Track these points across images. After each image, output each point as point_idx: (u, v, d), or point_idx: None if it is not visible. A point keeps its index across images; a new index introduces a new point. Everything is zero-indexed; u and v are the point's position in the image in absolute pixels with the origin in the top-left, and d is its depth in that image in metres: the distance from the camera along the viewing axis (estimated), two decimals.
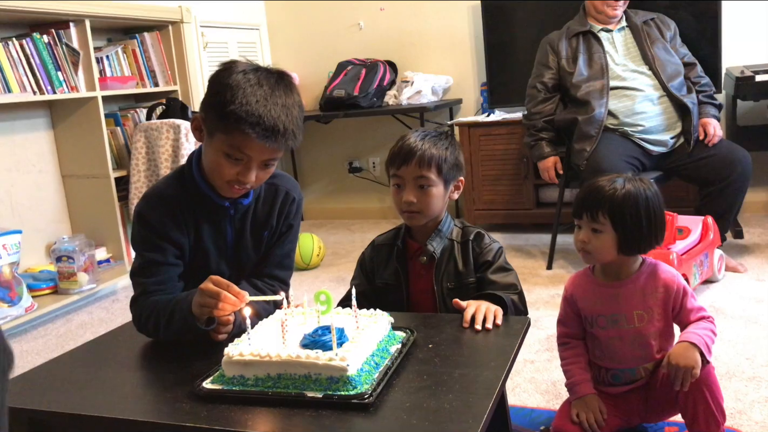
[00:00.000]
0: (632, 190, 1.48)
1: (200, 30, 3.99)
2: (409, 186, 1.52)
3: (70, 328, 2.88)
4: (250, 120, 1.29)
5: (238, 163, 1.35)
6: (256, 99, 1.31)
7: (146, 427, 1.08)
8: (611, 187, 1.49)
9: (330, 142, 4.61)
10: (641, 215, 1.47)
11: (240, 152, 1.34)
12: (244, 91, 1.31)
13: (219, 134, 1.35)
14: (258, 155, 1.35)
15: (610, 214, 1.47)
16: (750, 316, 2.33)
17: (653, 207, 1.49)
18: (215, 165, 1.38)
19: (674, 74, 2.86)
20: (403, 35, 4.30)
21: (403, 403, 1.05)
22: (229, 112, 1.30)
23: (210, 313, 1.29)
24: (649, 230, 1.48)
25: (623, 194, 1.47)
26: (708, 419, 1.44)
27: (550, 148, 3.03)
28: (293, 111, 1.36)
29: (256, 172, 1.38)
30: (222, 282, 1.28)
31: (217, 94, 1.33)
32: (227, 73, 1.34)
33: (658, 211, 1.50)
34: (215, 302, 1.27)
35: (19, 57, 2.92)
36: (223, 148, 1.35)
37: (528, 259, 3.25)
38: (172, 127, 3.27)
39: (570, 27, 3.04)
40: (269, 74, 1.37)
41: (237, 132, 1.31)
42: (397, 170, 1.53)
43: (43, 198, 3.25)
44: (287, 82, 1.39)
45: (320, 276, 3.33)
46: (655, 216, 1.49)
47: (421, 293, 1.59)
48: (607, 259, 1.53)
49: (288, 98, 1.36)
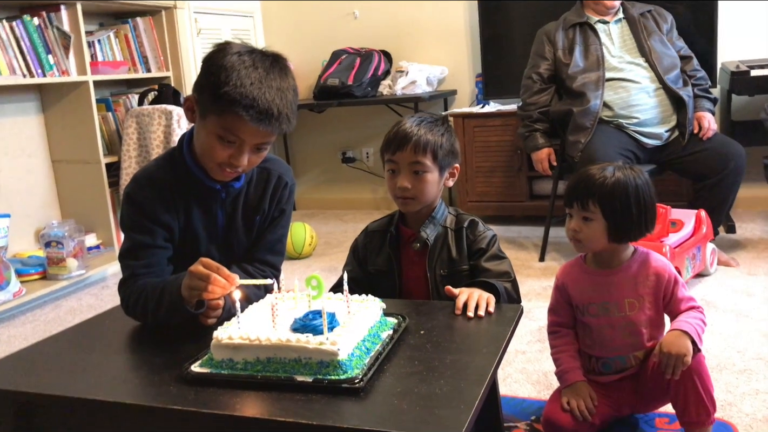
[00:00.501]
0: (622, 178, 1.48)
1: (194, 16, 3.95)
2: (404, 171, 1.51)
3: (59, 314, 2.85)
4: (244, 102, 1.28)
5: (231, 146, 1.34)
6: (250, 81, 1.29)
7: (133, 409, 1.07)
8: (601, 175, 1.48)
9: (323, 132, 4.58)
10: (631, 203, 1.47)
11: (233, 135, 1.32)
12: (238, 72, 1.29)
13: (212, 116, 1.33)
14: (251, 138, 1.34)
15: (600, 202, 1.47)
16: (741, 309, 2.34)
17: (643, 195, 1.48)
18: (207, 147, 1.36)
19: (670, 67, 2.86)
20: (399, 25, 4.27)
21: (393, 388, 1.04)
22: (222, 94, 1.28)
23: (199, 296, 1.28)
24: (639, 218, 1.48)
25: (613, 182, 1.47)
26: (698, 409, 1.44)
27: (544, 139, 3.02)
28: (288, 95, 1.34)
29: (248, 155, 1.36)
30: (212, 264, 1.27)
31: (211, 74, 1.31)
32: (222, 54, 1.33)
33: (648, 199, 1.49)
34: (205, 285, 1.25)
35: (8, 39, 2.88)
36: (216, 130, 1.33)
37: (521, 251, 3.25)
38: (163, 113, 3.24)
39: (567, 18, 3.03)
40: (264, 57, 1.36)
41: (230, 114, 1.29)
42: (392, 155, 1.52)
43: (33, 183, 3.22)
44: (282, 65, 1.37)
45: (312, 265, 3.32)
46: (645, 204, 1.48)
47: (413, 280, 1.58)
48: (598, 248, 1.52)
49: (283, 81, 1.34)
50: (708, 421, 1.46)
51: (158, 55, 3.64)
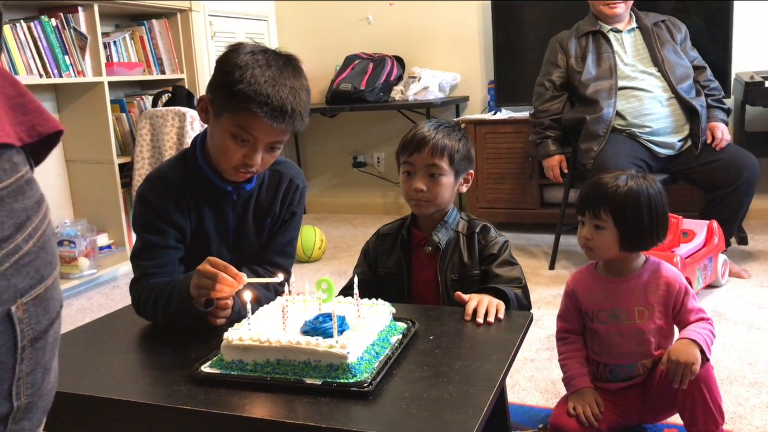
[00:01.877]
0: (635, 187, 1.48)
1: (208, 19, 3.98)
2: (420, 174, 1.52)
3: (70, 312, 2.87)
4: (258, 99, 1.29)
5: (245, 145, 1.35)
6: (264, 79, 1.30)
7: (143, 408, 1.07)
8: (614, 184, 1.48)
9: (335, 136, 4.59)
10: (643, 212, 1.46)
11: (247, 133, 1.33)
12: (252, 71, 1.30)
13: (226, 114, 1.34)
14: (264, 136, 1.35)
15: (612, 211, 1.47)
16: (752, 321, 2.32)
17: (655, 204, 1.48)
18: (221, 147, 1.37)
19: (683, 77, 2.85)
20: (412, 31, 4.28)
21: (402, 393, 1.04)
22: (237, 91, 1.29)
23: (207, 295, 1.28)
24: (651, 227, 1.48)
25: (625, 191, 1.47)
26: (707, 419, 1.43)
27: (555, 146, 3.02)
28: (300, 93, 1.35)
29: (261, 154, 1.36)
30: (219, 263, 1.27)
31: (225, 73, 1.33)
32: (235, 54, 1.34)
33: (660, 209, 1.49)
34: (212, 283, 1.26)
35: (26, 39, 2.91)
36: (230, 128, 1.34)
37: (530, 259, 3.24)
38: (177, 114, 3.26)
39: (580, 26, 3.03)
40: (278, 56, 1.37)
41: (245, 111, 1.30)
42: (408, 157, 1.53)
43: (46, 182, 3.24)
44: (295, 65, 1.39)
45: (321, 269, 3.32)
46: (657, 213, 1.48)
47: (423, 284, 1.58)
48: (609, 256, 1.52)
49: (296, 81, 1.35)
50: (716, 431, 1.45)
51: (173, 57, 3.67)
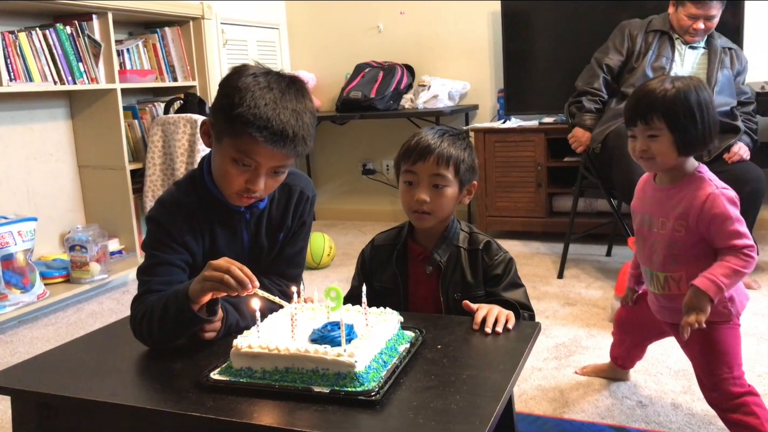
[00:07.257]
0: (683, 87, 1.48)
1: (221, 27, 4.02)
2: (423, 184, 1.45)
3: (81, 317, 2.90)
4: (257, 123, 1.25)
5: (247, 170, 1.31)
6: (264, 102, 1.26)
7: (152, 415, 1.08)
8: (662, 88, 1.48)
9: (345, 144, 4.61)
10: (694, 111, 1.47)
11: (248, 157, 1.30)
12: (252, 94, 1.27)
13: (227, 139, 1.31)
14: (266, 161, 1.31)
15: (665, 116, 1.47)
16: (762, 333, 2.30)
17: (704, 101, 1.48)
18: (223, 172, 1.34)
19: (723, 103, 2.83)
20: (422, 39, 4.30)
21: (409, 402, 1.05)
22: (236, 115, 1.26)
23: (212, 288, 1.23)
24: (703, 125, 1.47)
25: (674, 93, 1.47)
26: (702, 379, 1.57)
27: (592, 122, 2.97)
28: (304, 117, 1.31)
29: (264, 179, 1.33)
30: (235, 262, 1.24)
31: (225, 97, 1.30)
32: (237, 77, 1.31)
33: (709, 104, 1.49)
34: (221, 275, 1.21)
35: (41, 46, 2.95)
36: (231, 153, 1.30)
37: (539, 267, 3.24)
38: (189, 122, 3.29)
39: (653, 21, 2.99)
40: (280, 78, 1.33)
41: (244, 136, 1.27)
42: (411, 166, 1.46)
43: (59, 187, 3.28)
44: (299, 87, 1.35)
45: (330, 276, 3.33)
46: (707, 111, 1.48)
47: (421, 300, 1.52)
48: (669, 163, 1.52)
49: (299, 103, 1.31)
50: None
51: (185, 64, 3.70)
